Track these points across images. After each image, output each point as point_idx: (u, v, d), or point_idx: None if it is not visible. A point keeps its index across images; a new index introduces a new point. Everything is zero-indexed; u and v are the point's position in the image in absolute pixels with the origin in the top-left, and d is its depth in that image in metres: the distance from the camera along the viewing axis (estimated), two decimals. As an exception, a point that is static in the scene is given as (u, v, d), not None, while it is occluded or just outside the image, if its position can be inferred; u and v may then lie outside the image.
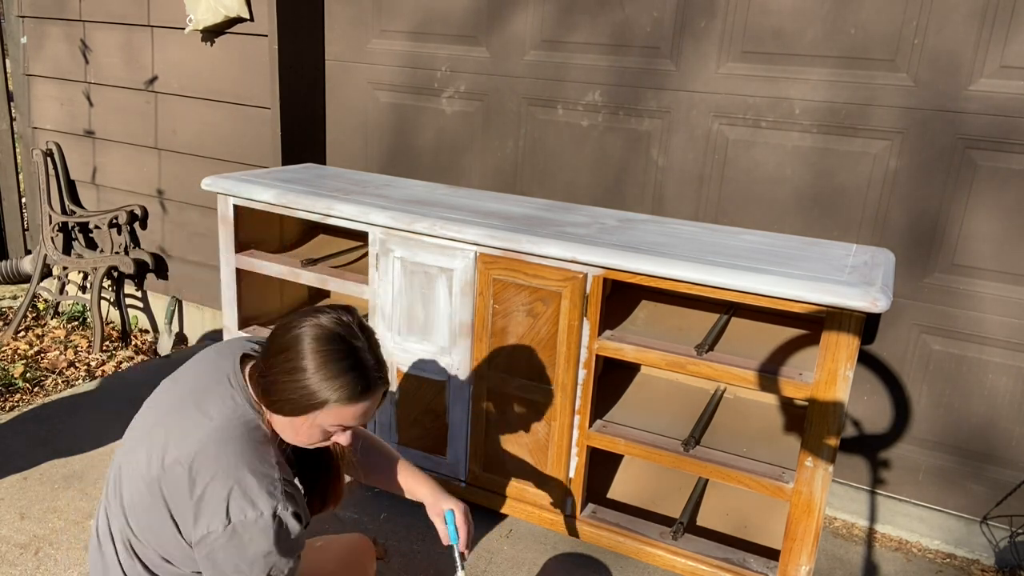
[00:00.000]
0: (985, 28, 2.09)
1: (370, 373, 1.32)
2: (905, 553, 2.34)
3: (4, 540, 2.11)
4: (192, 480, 1.26)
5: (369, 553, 1.81)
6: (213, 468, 1.26)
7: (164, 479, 1.28)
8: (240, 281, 2.58)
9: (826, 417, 1.79)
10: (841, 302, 1.68)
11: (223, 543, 1.25)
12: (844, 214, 2.35)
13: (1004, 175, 2.14)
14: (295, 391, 1.29)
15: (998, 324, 2.21)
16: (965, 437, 2.32)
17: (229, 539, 1.25)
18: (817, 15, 2.27)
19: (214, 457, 1.27)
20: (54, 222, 3.74)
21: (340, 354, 1.29)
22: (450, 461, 2.28)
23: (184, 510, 1.27)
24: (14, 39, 3.80)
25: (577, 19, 2.61)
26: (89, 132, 3.68)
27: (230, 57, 3.14)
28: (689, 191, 2.54)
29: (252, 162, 3.19)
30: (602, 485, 2.35)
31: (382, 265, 2.23)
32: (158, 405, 1.41)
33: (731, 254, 1.92)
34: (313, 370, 1.28)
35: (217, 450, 1.27)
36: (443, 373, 2.22)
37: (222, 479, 1.25)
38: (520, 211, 2.28)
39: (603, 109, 2.63)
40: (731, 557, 2.02)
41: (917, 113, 2.21)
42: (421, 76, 2.94)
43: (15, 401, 3.08)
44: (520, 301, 2.06)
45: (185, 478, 1.26)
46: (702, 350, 1.96)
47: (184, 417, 1.33)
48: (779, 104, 2.36)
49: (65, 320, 3.78)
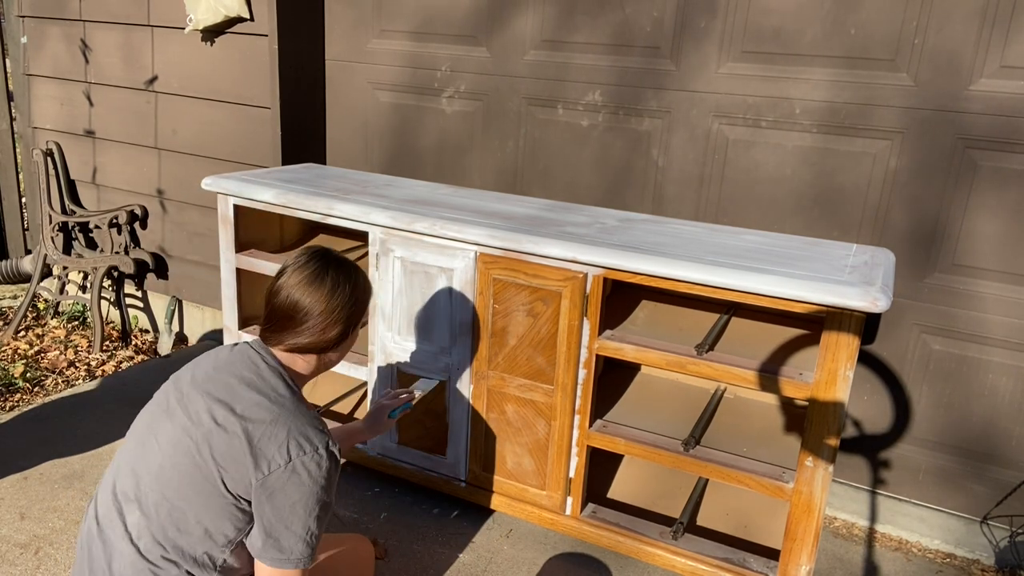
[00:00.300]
0: (985, 28, 2.09)
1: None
2: (905, 553, 2.34)
3: (4, 540, 2.11)
4: (247, 429, 1.38)
5: (369, 553, 1.81)
6: (267, 416, 1.40)
7: (214, 437, 1.38)
8: (240, 281, 2.58)
9: (826, 417, 1.79)
10: (841, 302, 1.68)
11: (285, 479, 1.36)
12: (844, 214, 2.35)
13: (1004, 175, 2.14)
14: (354, 304, 1.53)
15: (999, 324, 2.21)
16: (965, 437, 2.32)
17: (290, 475, 1.36)
18: (817, 15, 2.27)
19: (266, 408, 1.41)
20: (54, 222, 3.74)
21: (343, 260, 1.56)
22: (450, 461, 2.28)
23: (239, 459, 1.36)
24: (14, 39, 3.80)
25: (577, 19, 2.61)
26: (89, 132, 3.68)
27: (230, 57, 3.14)
28: (689, 191, 2.54)
29: (252, 162, 3.19)
30: (602, 485, 2.35)
31: (382, 265, 2.23)
32: (176, 391, 1.48)
33: (731, 254, 1.92)
34: (359, 280, 1.55)
35: (267, 402, 1.42)
36: (443, 373, 2.22)
37: (278, 424, 1.39)
38: (520, 211, 2.28)
39: (603, 109, 2.63)
40: (731, 557, 2.02)
41: (917, 113, 2.21)
42: (421, 76, 2.94)
43: (15, 401, 3.08)
44: (520, 301, 2.06)
45: (239, 428, 1.38)
46: (702, 350, 1.96)
47: (222, 385, 1.44)
48: (779, 104, 2.36)
49: (65, 320, 3.78)
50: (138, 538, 1.39)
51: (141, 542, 1.39)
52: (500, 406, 2.17)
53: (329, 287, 1.49)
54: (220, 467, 1.37)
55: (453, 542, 2.21)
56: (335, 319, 1.50)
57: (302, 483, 1.37)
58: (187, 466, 1.38)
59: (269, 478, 1.36)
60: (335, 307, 1.49)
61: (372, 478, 2.48)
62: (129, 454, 1.46)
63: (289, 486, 1.37)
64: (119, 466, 1.47)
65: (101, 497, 1.48)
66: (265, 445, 1.37)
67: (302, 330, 1.48)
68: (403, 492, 2.42)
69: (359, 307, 1.55)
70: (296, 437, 1.39)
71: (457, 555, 2.16)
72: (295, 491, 1.37)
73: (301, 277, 1.49)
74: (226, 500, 1.37)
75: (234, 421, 1.39)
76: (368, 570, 1.80)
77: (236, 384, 1.45)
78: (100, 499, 1.48)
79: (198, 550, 1.39)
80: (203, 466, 1.38)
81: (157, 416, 1.47)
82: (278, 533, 1.37)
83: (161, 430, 1.44)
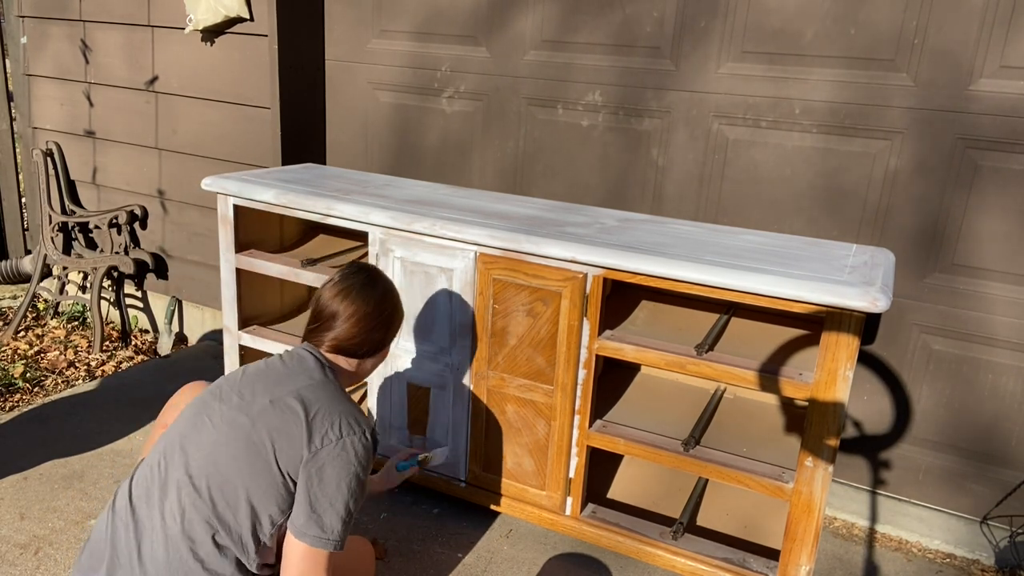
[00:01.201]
0: (985, 28, 2.09)
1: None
2: (905, 553, 2.34)
3: (4, 540, 2.11)
4: (305, 408, 1.50)
5: (369, 553, 1.82)
6: (320, 400, 1.53)
7: (269, 413, 1.49)
8: (240, 281, 2.58)
9: (826, 417, 1.79)
10: (841, 302, 1.68)
11: (336, 454, 1.47)
12: (844, 214, 2.35)
13: (1005, 175, 2.14)
14: (396, 314, 1.73)
15: (999, 324, 2.21)
16: (965, 437, 2.32)
17: (340, 452, 1.48)
18: (817, 15, 2.27)
19: (320, 390, 1.55)
20: (54, 222, 3.74)
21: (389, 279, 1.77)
22: (450, 461, 2.28)
23: (293, 433, 1.48)
24: (14, 39, 3.80)
25: (577, 19, 2.61)
26: (89, 132, 3.68)
27: (230, 57, 3.14)
28: (689, 191, 2.54)
29: (252, 162, 3.19)
30: (602, 485, 2.35)
31: (382, 265, 2.23)
32: (227, 383, 1.59)
33: (731, 254, 1.92)
34: (398, 298, 1.75)
35: (321, 389, 1.56)
36: (443, 373, 2.22)
37: (333, 403, 1.54)
38: (520, 211, 2.28)
39: (603, 109, 2.63)
40: (731, 557, 2.02)
41: (917, 113, 2.21)
42: (421, 76, 2.94)
43: (15, 401, 3.08)
44: (520, 301, 2.06)
45: (299, 406, 1.50)
46: (702, 350, 1.96)
47: (273, 374, 1.58)
48: (779, 104, 2.36)
49: (65, 320, 3.78)
50: (181, 515, 1.44)
51: (184, 518, 1.44)
52: (500, 406, 2.17)
53: (380, 294, 1.69)
54: (274, 442, 1.46)
55: (453, 542, 2.21)
56: (380, 323, 1.68)
57: (349, 462, 1.48)
58: (241, 441, 1.47)
59: (321, 452, 1.47)
60: (383, 311, 1.69)
61: (372, 478, 2.49)
62: (178, 435, 1.53)
63: (338, 462, 1.47)
64: (166, 447, 1.52)
65: (138, 478, 1.52)
66: (319, 421, 1.49)
67: (349, 328, 1.64)
68: (403, 492, 2.42)
69: (399, 320, 1.75)
70: (347, 418, 1.52)
71: (457, 555, 2.16)
72: (343, 468, 1.47)
73: (354, 281, 1.67)
74: (275, 478, 1.45)
75: (289, 400, 1.51)
76: (368, 570, 1.81)
77: (287, 373, 1.58)
78: (136, 480, 1.52)
79: (243, 527, 1.44)
80: (257, 441, 1.46)
81: (208, 402, 1.55)
82: (322, 509, 1.45)
83: (214, 412, 1.52)
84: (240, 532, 1.44)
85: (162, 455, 1.52)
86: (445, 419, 2.26)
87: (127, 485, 1.53)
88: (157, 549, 1.42)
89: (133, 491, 1.51)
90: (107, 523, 1.50)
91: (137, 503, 1.48)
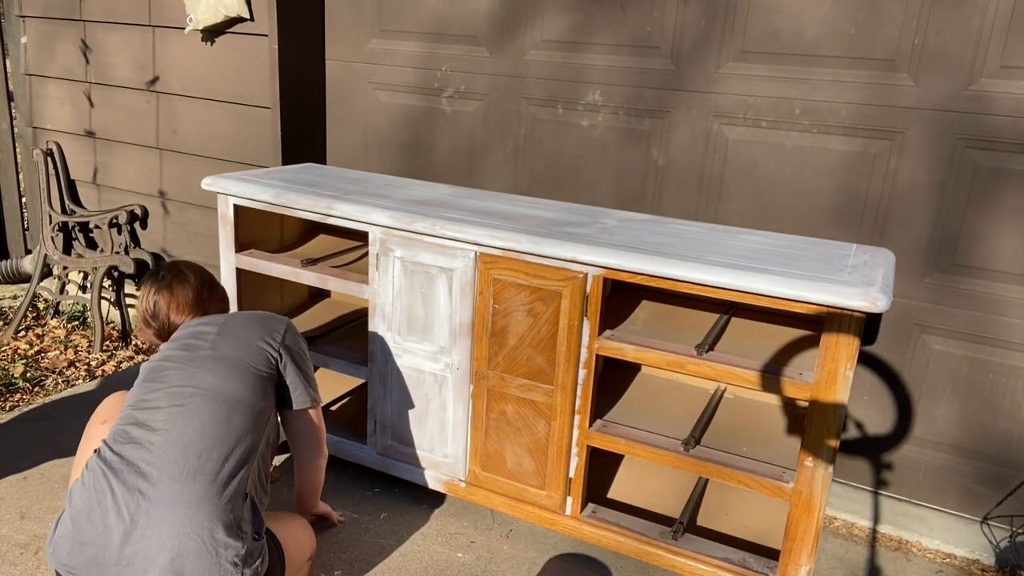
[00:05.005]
0: (985, 28, 2.09)
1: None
2: (905, 553, 2.34)
3: (4, 540, 2.11)
4: (244, 317, 1.87)
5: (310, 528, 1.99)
6: (237, 315, 1.89)
7: (224, 333, 1.79)
8: (240, 281, 2.58)
9: (826, 417, 1.79)
10: (841, 302, 1.68)
11: (294, 334, 1.89)
12: (844, 214, 2.35)
13: (1004, 175, 2.14)
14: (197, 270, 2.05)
15: (999, 324, 2.21)
16: (965, 437, 2.32)
17: (293, 333, 1.89)
18: (817, 15, 2.27)
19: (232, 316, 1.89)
20: (54, 222, 3.74)
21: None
22: (450, 461, 2.28)
23: (256, 332, 1.82)
24: (14, 39, 3.81)
25: (577, 19, 2.61)
26: (89, 132, 3.68)
27: (230, 57, 3.14)
28: (689, 191, 2.55)
29: (252, 162, 3.19)
30: (602, 485, 2.35)
31: (382, 265, 2.23)
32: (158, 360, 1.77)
33: (731, 254, 1.92)
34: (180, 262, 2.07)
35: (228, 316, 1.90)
36: (443, 373, 2.22)
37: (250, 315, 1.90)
38: (520, 211, 2.28)
39: (603, 109, 2.63)
40: (731, 557, 2.02)
41: (917, 113, 2.21)
42: (421, 76, 2.94)
43: (15, 401, 3.08)
44: (520, 301, 2.06)
45: (239, 319, 1.86)
46: (702, 350, 1.96)
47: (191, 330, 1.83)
48: (779, 104, 2.37)
49: (65, 320, 3.78)
50: (186, 457, 1.55)
51: (190, 459, 1.55)
52: (500, 406, 2.17)
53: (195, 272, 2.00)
54: (245, 347, 1.76)
55: (453, 542, 2.21)
56: (206, 281, 2.00)
57: (301, 337, 1.92)
58: (213, 363, 1.70)
59: (286, 336, 1.85)
60: (198, 272, 2.01)
61: (372, 478, 2.48)
62: (140, 397, 1.66)
63: (299, 339, 1.90)
64: (131, 406, 1.65)
65: (114, 435, 1.60)
66: (265, 320, 1.85)
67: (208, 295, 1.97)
68: (403, 492, 2.42)
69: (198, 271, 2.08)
70: (269, 315, 1.90)
71: (457, 555, 2.16)
72: (302, 342, 1.91)
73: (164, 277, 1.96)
74: (258, 375, 1.73)
75: (227, 319, 1.83)
76: (310, 537, 1.93)
77: (202, 323, 1.84)
78: (112, 441, 1.59)
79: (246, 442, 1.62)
80: (227, 357, 1.72)
81: (155, 374, 1.71)
82: (310, 376, 1.88)
83: (169, 372, 1.70)
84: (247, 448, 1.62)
85: (130, 415, 1.64)
86: (445, 419, 2.26)
87: (97, 455, 1.59)
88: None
89: (106, 453, 1.60)
90: (92, 482, 1.55)
91: (115, 464, 1.56)
